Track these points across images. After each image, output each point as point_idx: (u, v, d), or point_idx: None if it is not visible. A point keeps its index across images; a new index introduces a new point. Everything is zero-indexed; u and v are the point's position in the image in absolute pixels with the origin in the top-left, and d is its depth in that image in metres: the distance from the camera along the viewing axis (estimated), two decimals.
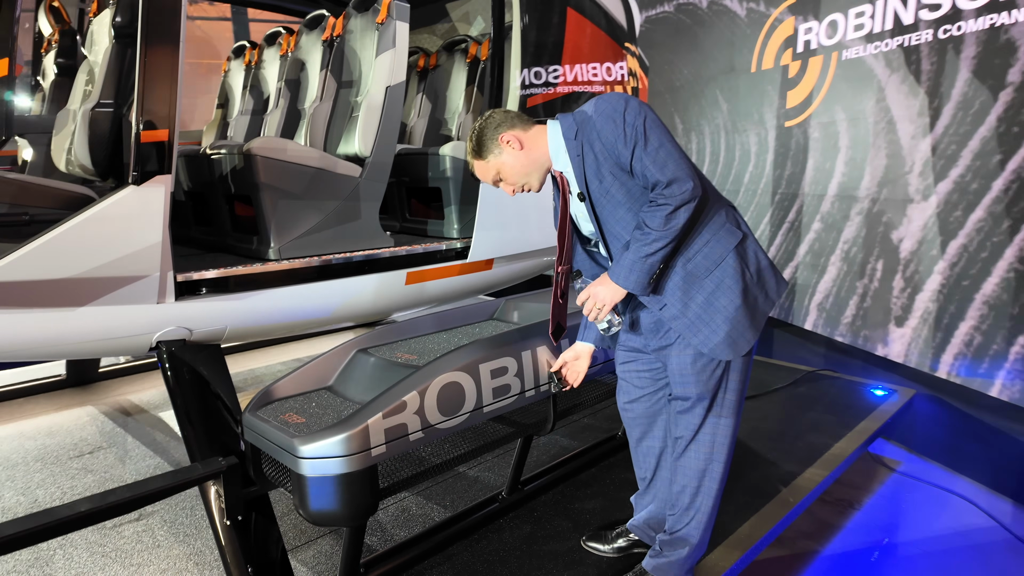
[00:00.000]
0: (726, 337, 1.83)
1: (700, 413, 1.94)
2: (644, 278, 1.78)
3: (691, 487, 2.01)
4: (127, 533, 2.53)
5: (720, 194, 1.92)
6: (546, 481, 2.75)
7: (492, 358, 2.09)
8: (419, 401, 1.89)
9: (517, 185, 1.92)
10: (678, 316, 1.86)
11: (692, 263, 1.82)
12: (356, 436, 1.75)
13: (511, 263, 3.25)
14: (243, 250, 2.55)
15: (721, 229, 1.83)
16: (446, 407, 1.96)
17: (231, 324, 2.36)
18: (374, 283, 2.66)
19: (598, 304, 1.85)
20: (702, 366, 1.89)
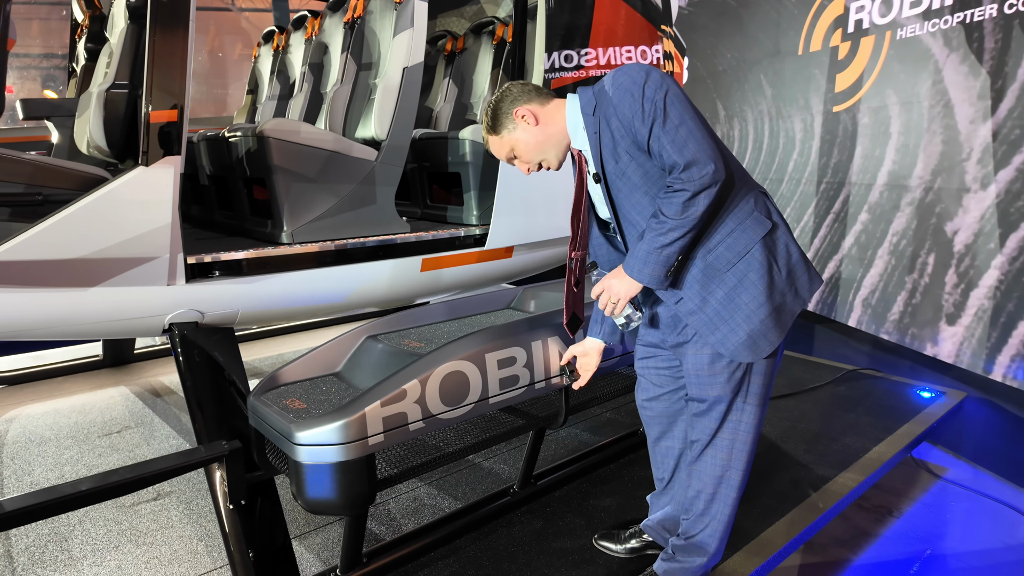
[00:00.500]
0: (747, 338, 1.69)
1: (717, 417, 1.81)
2: (660, 271, 1.64)
3: (707, 493, 1.89)
4: (144, 512, 2.57)
5: (750, 178, 1.77)
6: (561, 476, 2.67)
7: (499, 347, 2.02)
8: (420, 390, 1.83)
9: (532, 163, 1.81)
10: (695, 312, 1.72)
11: (713, 255, 1.68)
12: (352, 424, 1.70)
13: (533, 251, 3.17)
14: (259, 234, 2.54)
15: (748, 218, 1.68)
16: (449, 397, 1.90)
17: (243, 308, 2.35)
18: (388, 269, 2.62)
19: (612, 298, 1.72)
20: (721, 367, 1.75)
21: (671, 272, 1.66)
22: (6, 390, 3.99)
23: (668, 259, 1.63)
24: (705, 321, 1.72)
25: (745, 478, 1.89)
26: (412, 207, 3.33)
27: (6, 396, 3.87)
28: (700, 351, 1.77)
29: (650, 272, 1.65)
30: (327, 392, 2.06)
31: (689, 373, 1.82)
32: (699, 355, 1.77)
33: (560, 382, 2.20)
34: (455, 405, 1.91)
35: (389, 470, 1.84)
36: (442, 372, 1.88)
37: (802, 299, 1.75)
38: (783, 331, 1.73)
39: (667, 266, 1.64)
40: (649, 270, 1.65)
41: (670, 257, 1.63)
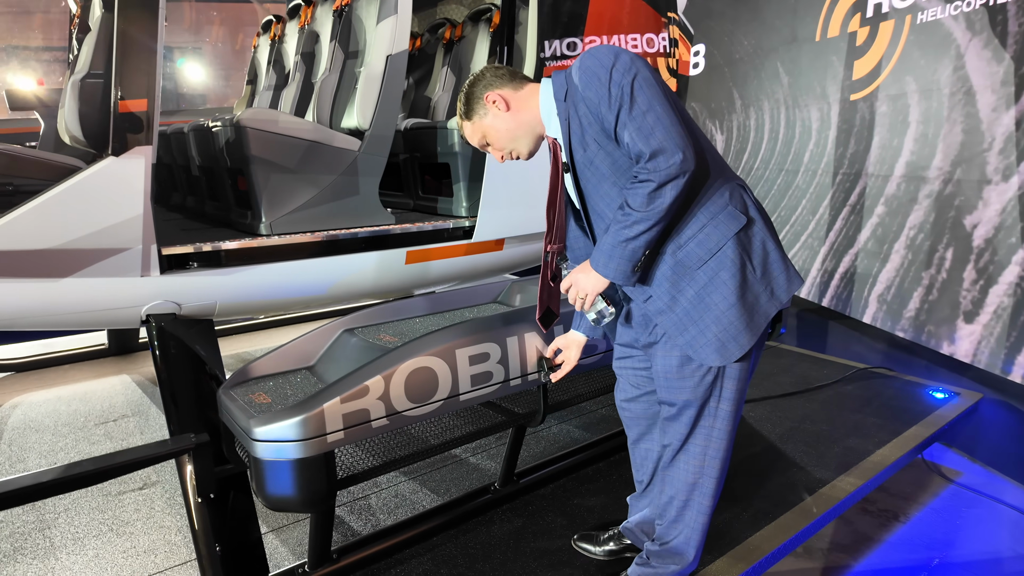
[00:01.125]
0: (715, 339, 1.61)
1: (688, 422, 1.73)
2: (626, 266, 1.57)
3: (679, 499, 1.82)
4: (128, 501, 2.58)
5: (728, 169, 1.67)
6: (545, 474, 2.61)
7: (471, 343, 1.96)
8: (384, 387, 1.78)
9: (504, 151, 1.73)
10: (664, 311, 1.65)
11: (684, 251, 1.60)
12: (310, 421, 1.66)
13: (525, 244, 3.09)
14: (241, 225, 2.52)
15: (722, 212, 1.58)
16: (416, 394, 1.85)
17: (221, 299, 2.34)
18: (371, 261, 2.58)
19: (580, 293, 1.66)
20: (690, 371, 1.67)
21: (638, 268, 1.59)
22: (12, 377, 4.06)
23: (634, 254, 1.55)
24: (675, 321, 1.64)
25: (719, 485, 1.81)
26: (404, 198, 3.29)
27: (12, 383, 3.95)
28: (669, 353, 1.69)
29: (615, 267, 1.58)
30: (297, 386, 2.03)
31: (658, 375, 1.74)
32: (668, 357, 1.70)
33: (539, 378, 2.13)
34: (422, 402, 1.86)
35: (351, 468, 1.80)
36: (408, 368, 1.83)
37: (778, 300, 1.65)
38: (755, 334, 1.63)
39: (633, 261, 1.56)
40: (614, 265, 1.57)
41: (635, 252, 1.55)
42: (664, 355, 1.70)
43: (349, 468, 1.80)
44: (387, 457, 1.86)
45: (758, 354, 1.75)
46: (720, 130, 5.88)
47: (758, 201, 1.70)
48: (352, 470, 1.80)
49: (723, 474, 1.80)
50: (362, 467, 1.83)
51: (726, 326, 1.60)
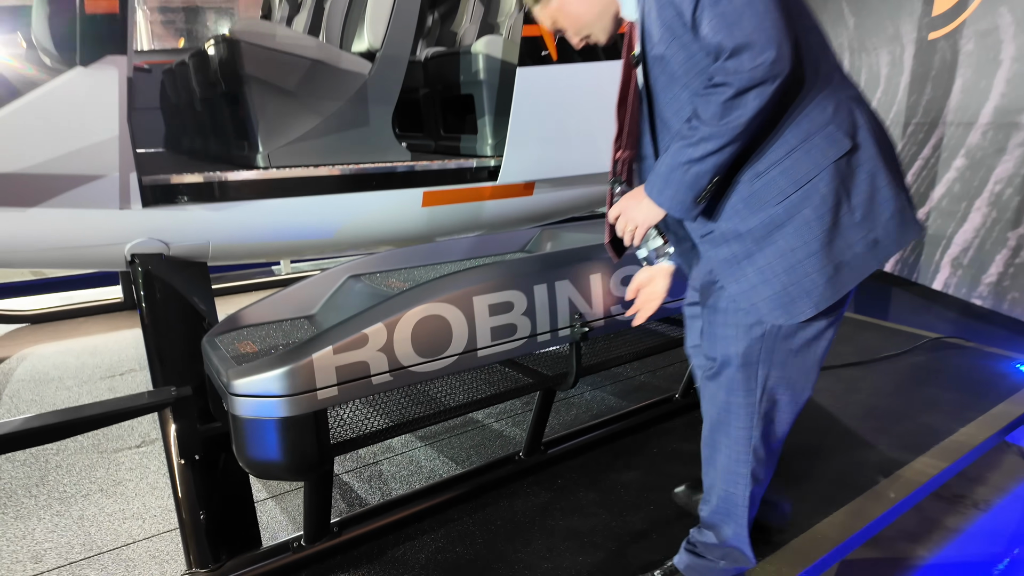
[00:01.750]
0: (781, 292, 1.30)
1: (724, 387, 1.43)
2: (686, 195, 1.26)
3: (718, 486, 1.54)
4: (123, 460, 2.39)
5: (838, 76, 1.29)
6: (576, 444, 2.32)
7: (492, 290, 1.66)
8: (386, 336, 1.50)
9: (580, 34, 1.43)
10: (723, 251, 1.34)
11: (762, 180, 1.27)
12: (297, 373, 1.39)
13: (560, 189, 2.76)
14: (239, 158, 2.25)
15: (818, 133, 1.24)
16: (425, 346, 1.56)
17: (214, 239, 2.08)
18: (383, 202, 2.28)
19: (629, 225, 1.37)
20: (737, 320, 1.37)
21: (701, 199, 1.27)
22: (27, 329, 3.94)
23: (697, 180, 1.24)
24: (735, 264, 1.33)
25: (765, 476, 1.52)
26: (425, 139, 2.97)
27: (24, 335, 3.82)
28: (719, 296, 1.40)
29: (671, 195, 1.27)
30: (291, 336, 1.76)
31: (705, 321, 1.46)
32: (717, 299, 1.40)
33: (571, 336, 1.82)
34: (432, 357, 1.58)
35: (348, 431, 1.53)
36: (416, 316, 1.54)
37: (882, 252, 1.31)
38: (837, 291, 1.29)
39: (695, 190, 1.25)
40: (671, 193, 1.27)
41: (699, 178, 1.23)
42: (714, 299, 1.41)
43: (345, 431, 1.53)
44: (390, 420, 1.59)
45: (835, 323, 1.40)
46: None
47: (878, 122, 1.32)
48: (349, 433, 1.54)
49: (770, 460, 1.51)
50: (361, 430, 1.56)
51: (799, 278, 1.28)
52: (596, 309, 1.87)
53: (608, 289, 1.89)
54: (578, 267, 1.83)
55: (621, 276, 1.92)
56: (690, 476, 2.21)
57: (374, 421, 1.58)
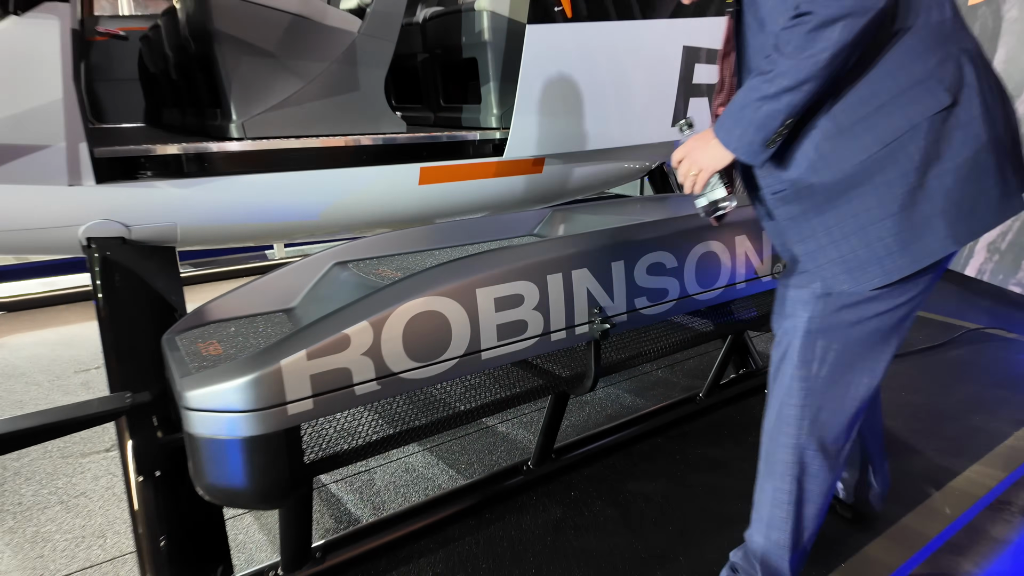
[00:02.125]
0: (850, 256, 1.17)
1: (783, 358, 1.30)
2: (755, 136, 1.12)
3: (760, 478, 1.41)
4: (88, 467, 2.17)
5: (952, 23, 1.10)
6: (591, 450, 2.08)
7: (498, 281, 1.41)
8: (372, 337, 1.25)
9: None
10: (791, 208, 1.22)
11: (844, 136, 1.12)
12: (263, 383, 1.15)
13: (572, 165, 2.49)
14: (212, 128, 1.98)
15: (916, 86, 1.08)
16: (419, 348, 1.31)
17: (182, 221, 1.82)
18: (375, 179, 2.02)
19: (692, 169, 1.25)
20: (799, 284, 1.26)
21: (772, 142, 1.13)
22: (5, 317, 3.71)
23: (768, 120, 1.10)
24: (801, 221, 1.22)
25: (811, 473, 1.32)
26: (424, 111, 2.70)
27: (2, 323, 3.59)
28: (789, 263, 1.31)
29: (740, 135, 1.14)
30: (265, 334, 1.52)
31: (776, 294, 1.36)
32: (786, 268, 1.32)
33: None
34: (428, 361, 1.33)
35: (326, 448, 1.29)
36: (408, 313, 1.29)
37: (976, 224, 1.14)
38: (915, 261, 1.14)
39: (765, 131, 1.11)
40: (739, 132, 1.14)
41: (771, 117, 1.09)
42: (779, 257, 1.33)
43: (324, 447, 1.29)
44: (378, 432, 1.35)
45: (912, 303, 1.22)
46: None
47: (994, 82, 1.13)
48: (328, 450, 1.30)
49: (825, 461, 1.32)
50: (342, 446, 1.32)
51: (871, 241, 1.14)
52: (618, 302, 1.62)
53: (632, 278, 1.64)
54: (597, 254, 1.58)
55: (647, 264, 1.67)
56: (718, 487, 1.98)
57: (358, 434, 1.34)
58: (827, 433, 1.30)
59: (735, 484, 2.00)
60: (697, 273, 1.79)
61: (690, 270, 1.78)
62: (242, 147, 1.83)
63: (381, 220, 2.15)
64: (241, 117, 1.85)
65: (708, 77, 2.85)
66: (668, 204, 2.46)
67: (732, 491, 1.96)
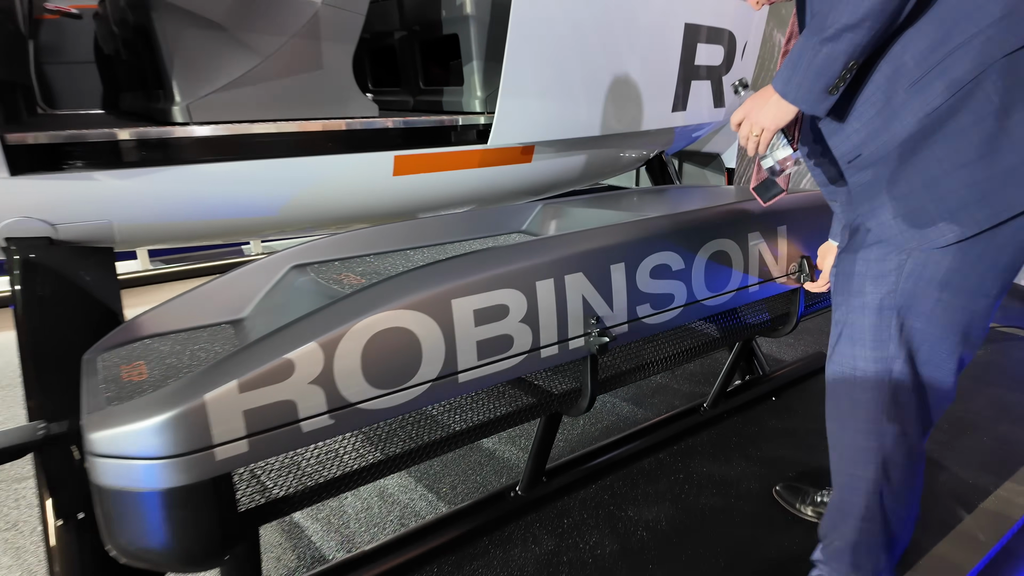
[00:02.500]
0: (919, 209, 1.05)
1: (850, 339, 1.19)
2: (814, 82, 1.03)
3: (841, 473, 1.28)
4: (25, 492, 1.94)
5: None
6: (587, 470, 1.87)
7: (477, 289, 1.19)
8: (322, 361, 1.03)
9: None
10: (854, 160, 1.11)
11: (912, 81, 1.02)
12: (183, 423, 0.92)
13: (565, 154, 2.27)
14: (155, 111, 1.75)
15: (992, 26, 0.96)
16: (382, 373, 1.09)
17: (118, 218, 1.59)
18: (342, 169, 1.79)
19: (754, 129, 1.16)
20: (874, 253, 1.13)
21: (833, 88, 1.03)
22: None
23: (829, 63, 1.01)
24: (872, 185, 1.10)
25: (895, 463, 1.20)
26: (403, 95, 2.46)
27: None
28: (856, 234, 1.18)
29: (799, 82, 1.05)
30: (204, 353, 1.29)
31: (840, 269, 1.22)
32: (853, 239, 1.18)
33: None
34: (393, 387, 1.11)
35: (266, 496, 1.07)
36: (368, 331, 1.07)
37: None
38: (994, 215, 1.01)
39: (826, 76, 1.02)
40: (799, 79, 1.05)
41: (832, 61, 1.00)
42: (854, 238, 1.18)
43: (264, 496, 1.07)
44: (332, 474, 1.13)
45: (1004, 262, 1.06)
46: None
47: None
48: (269, 498, 1.07)
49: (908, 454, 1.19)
50: (288, 493, 1.10)
51: (944, 194, 1.03)
52: (618, 311, 1.41)
53: (634, 283, 1.43)
54: (594, 255, 1.36)
55: (651, 266, 1.45)
56: (728, 511, 1.78)
57: (307, 476, 1.12)
58: (908, 415, 1.17)
59: (746, 507, 1.81)
60: (707, 275, 1.58)
61: (699, 272, 1.57)
62: (188, 133, 1.60)
63: (350, 216, 1.92)
64: (186, 99, 1.61)
65: (710, 58, 2.63)
66: (669, 197, 2.25)
67: (744, 516, 1.76)
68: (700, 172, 3.80)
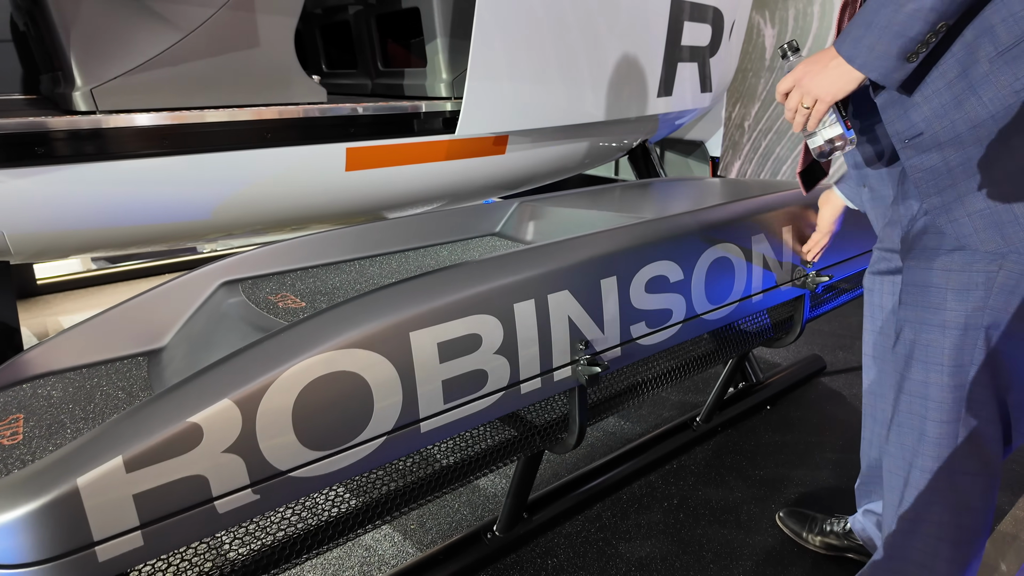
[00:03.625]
0: (1002, 208, 0.90)
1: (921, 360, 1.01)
2: (891, 44, 0.86)
3: (893, 499, 1.11)
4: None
5: None
6: (572, 500, 1.67)
7: (440, 319, 0.97)
8: (239, 422, 0.80)
9: None
10: (932, 154, 0.93)
11: (1002, 55, 0.85)
12: (51, 516, 0.69)
13: (542, 144, 2.04)
14: (58, 98, 1.47)
15: None
16: (320, 431, 0.87)
17: (11, 226, 1.33)
18: (286, 164, 1.55)
19: (806, 100, 0.98)
20: (954, 261, 0.96)
21: (915, 54, 0.86)
22: None
23: (910, 22, 0.83)
24: (943, 172, 0.93)
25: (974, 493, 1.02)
26: (359, 78, 2.21)
27: None
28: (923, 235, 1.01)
29: (871, 44, 0.87)
30: (107, 398, 1.04)
31: (904, 281, 1.06)
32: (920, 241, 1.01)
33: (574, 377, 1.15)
34: (337, 446, 0.89)
35: None
36: (301, 378, 0.84)
37: None
38: None
39: (905, 37, 0.84)
40: (871, 40, 0.87)
41: (914, 18, 0.82)
42: (918, 242, 1.01)
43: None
44: (264, 554, 0.90)
45: None
46: (770, 22, 4.69)
47: None
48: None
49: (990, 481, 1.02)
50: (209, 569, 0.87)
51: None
52: (610, 333, 1.20)
53: (627, 299, 1.22)
54: (582, 269, 1.15)
55: (647, 278, 1.25)
56: (728, 543, 1.60)
57: (230, 563, 0.89)
58: (988, 446, 1.01)
59: (747, 538, 1.63)
60: (707, 286, 1.38)
61: (699, 283, 1.37)
62: (93, 123, 1.33)
63: (295, 219, 1.67)
64: (89, 83, 1.34)
65: (697, 38, 2.42)
66: (658, 192, 2.04)
67: (745, 548, 1.59)
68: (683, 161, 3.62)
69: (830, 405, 2.27)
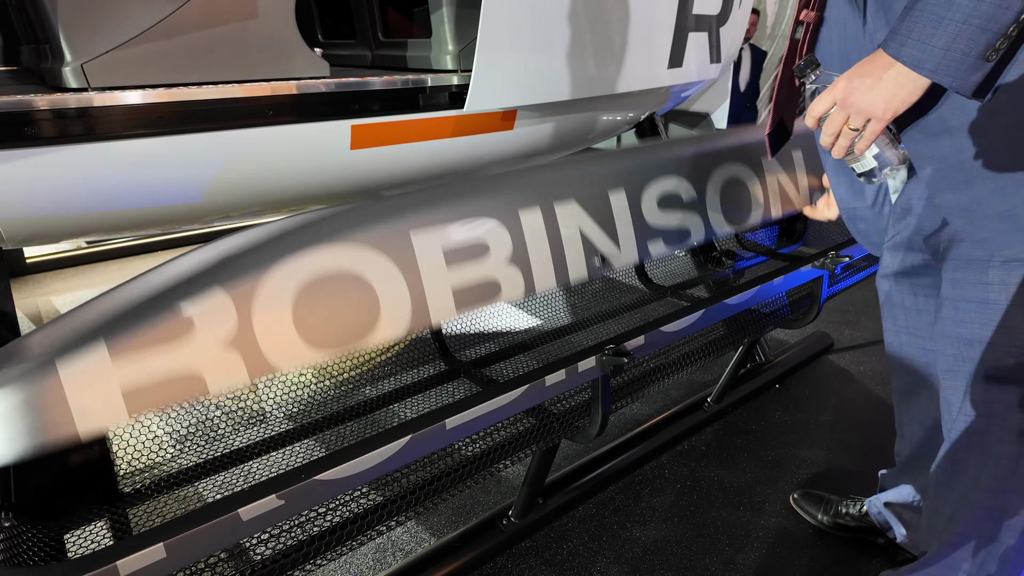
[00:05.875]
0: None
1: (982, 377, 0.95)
2: (973, 40, 0.73)
3: (944, 511, 1.06)
4: None
5: None
6: (585, 484, 1.66)
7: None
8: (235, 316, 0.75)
9: None
10: (932, 132, 0.87)
11: None
12: None
13: (551, 119, 1.97)
14: (46, 74, 1.39)
15: None
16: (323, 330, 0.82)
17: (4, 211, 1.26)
18: (287, 143, 1.47)
19: (855, 120, 0.85)
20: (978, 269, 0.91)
21: (995, 50, 0.73)
22: None
23: (996, 16, 0.71)
24: (963, 165, 0.85)
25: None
26: (359, 49, 2.11)
27: None
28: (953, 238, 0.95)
29: (946, 44, 0.74)
30: None
31: (944, 289, 0.99)
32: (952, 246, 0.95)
33: None
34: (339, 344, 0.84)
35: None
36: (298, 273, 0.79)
37: None
38: None
39: (992, 31, 0.72)
40: (945, 40, 0.74)
41: (1002, 9, 0.71)
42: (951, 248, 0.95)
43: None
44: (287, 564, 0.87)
45: None
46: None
47: None
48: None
49: None
50: None
51: None
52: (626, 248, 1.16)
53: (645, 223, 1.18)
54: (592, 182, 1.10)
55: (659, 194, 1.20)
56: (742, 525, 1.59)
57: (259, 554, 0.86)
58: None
59: (761, 520, 1.62)
60: None
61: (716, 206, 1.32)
62: (83, 101, 1.25)
63: (297, 199, 1.61)
64: (79, 58, 1.26)
65: (708, 6, 2.33)
66: None
67: (759, 530, 1.58)
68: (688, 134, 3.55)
69: (838, 383, 2.26)
